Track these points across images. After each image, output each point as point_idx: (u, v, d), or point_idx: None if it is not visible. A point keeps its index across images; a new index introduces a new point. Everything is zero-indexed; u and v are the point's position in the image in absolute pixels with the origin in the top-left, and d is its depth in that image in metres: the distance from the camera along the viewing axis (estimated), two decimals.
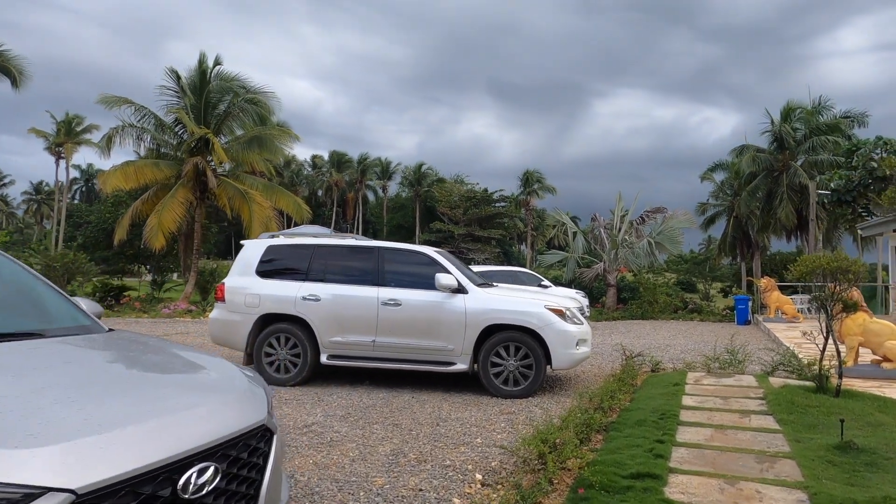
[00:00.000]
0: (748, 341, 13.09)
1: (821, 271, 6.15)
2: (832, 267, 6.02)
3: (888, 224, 16.63)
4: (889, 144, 23.88)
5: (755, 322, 18.18)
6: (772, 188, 31.09)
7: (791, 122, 31.27)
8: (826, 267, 6.05)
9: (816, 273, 6.23)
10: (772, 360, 8.55)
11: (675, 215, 20.64)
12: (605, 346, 12.24)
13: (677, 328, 16.89)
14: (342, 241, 7.67)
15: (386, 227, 77.82)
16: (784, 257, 46.19)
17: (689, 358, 10.36)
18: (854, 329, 8.09)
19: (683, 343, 12.97)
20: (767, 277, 17.40)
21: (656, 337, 14.32)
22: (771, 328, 14.93)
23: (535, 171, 62.32)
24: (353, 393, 6.98)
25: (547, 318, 6.80)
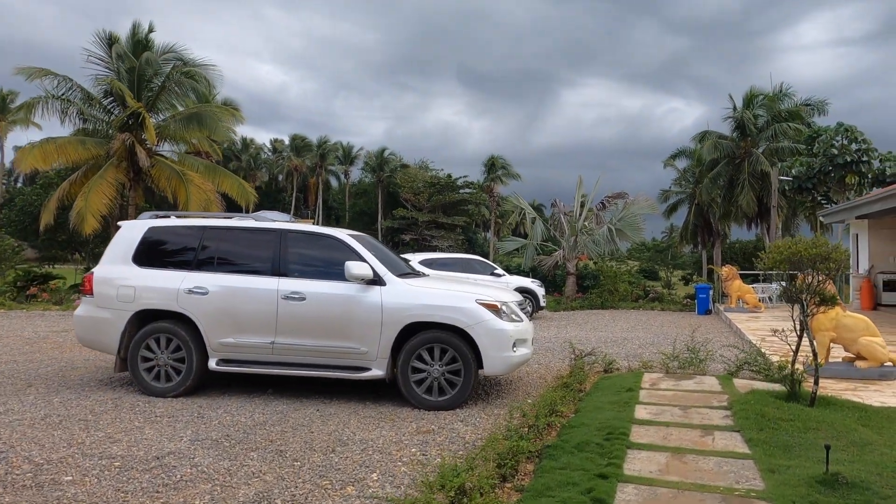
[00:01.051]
0: (709, 334, 12.33)
1: (798, 259, 5.19)
2: (811, 254, 5.08)
3: (850, 211, 16.12)
4: (850, 131, 23.61)
5: (716, 311, 17.58)
6: (733, 175, 30.79)
7: (753, 109, 30.96)
8: (804, 254, 5.10)
9: (793, 261, 5.29)
10: (736, 358, 7.67)
11: (637, 201, 19.88)
12: (559, 340, 11.28)
13: (637, 318, 16.13)
14: (239, 222, 6.40)
15: (348, 213, 76.05)
16: (744, 245, 46.48)
17: (647, 354, 9.46)
18: (826, 324, 7.25)
19: (642, 336, 12.12)
20: (729, 266, 16.77)
21: (614, 329, 13.46)
22: (732, 319, 14.25)
23: (500, 157, 61.37)
24: (245, 406, 5.77)
25: (478, 314, 5.71)
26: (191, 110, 21.80)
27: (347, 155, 73.82)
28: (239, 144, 70.20)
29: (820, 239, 5.29)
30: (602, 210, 20.34)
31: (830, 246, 5.19)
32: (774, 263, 5.49)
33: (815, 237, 5.25)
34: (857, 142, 23.34)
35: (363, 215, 73.61)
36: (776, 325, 13.23)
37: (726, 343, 10.85)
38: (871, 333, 7.18)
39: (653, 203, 19.89)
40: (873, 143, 23.40)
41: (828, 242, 5.26)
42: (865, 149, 23.21)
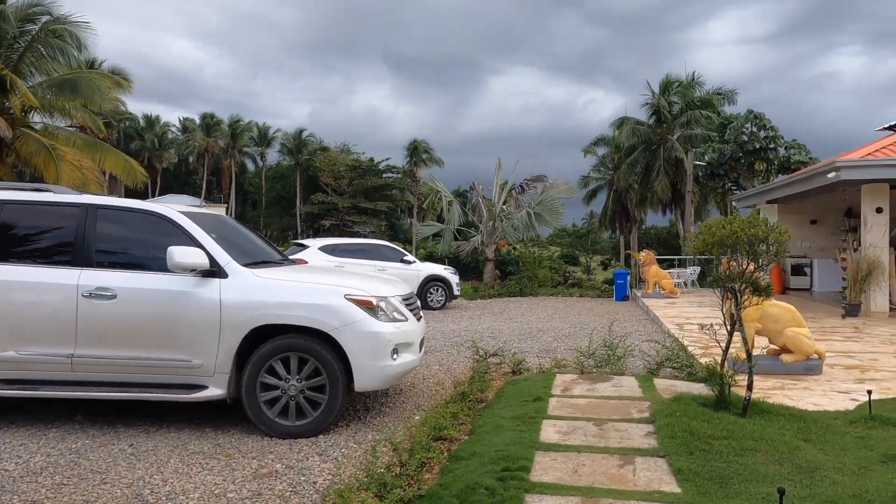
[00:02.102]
0: (627, 322, 11.72)
1: (734, 241, 4.29)
2: (749, 235, 4.19)
3: (761, 195, 16.14)
4: (758, 119, 24.14)
5: (633, 297, 17.26)
6: (650, 161, 31.12)
7: (669, 96, 31.35)
8: (741, 234, 4.20)
9: (728, 244, 4.39)
10: (656, 354, 6.88)
11: (556, 185, 19.25)
12: (469, 333, 10.24)
13: (555, 306, 15.45)
14: (25, 194, 4.78)
15: (265, 197, 72.47)
16: (659, 231, 47.88)
17: (562, 349, 8.58)
18: (752, 314, 6.55)
19: (559, 326, 11.32)
20: (647, 251, 16.44)
21: (530, 318, 12.63)
22: (650, 305, 13.81)
23: (423, 140, 60.10)
24: (29, 443, 4.27)
25: (346, 313, 4.46)
26: (64, 76, 19.02)
27: (263, 136, 70.04)
28: (141, 122, 64.98)
29: (757, 217, 4.43)
30: (521, 194, 19.59)
31: (770, 225, 4.33)
32: (705, 247, 4.58)
33: (749, 215, 4.36)
34: (766, 129, 23.90)
35: (281, 200, 70.26)
36: (692, 312, 12.88)
37: (644, 333, 10.21)
38: (797, 324, 6.55)
39: (571, 187, 19.34)
40: (780, 131, 24.06)
41: (766, 220, 4.40)
42: (773, 136, 23.80)
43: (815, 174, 11.39)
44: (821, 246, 16.43)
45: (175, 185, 76.38)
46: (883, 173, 10.40)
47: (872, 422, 4.54)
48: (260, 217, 72.19)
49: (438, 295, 13.86)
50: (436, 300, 13.83)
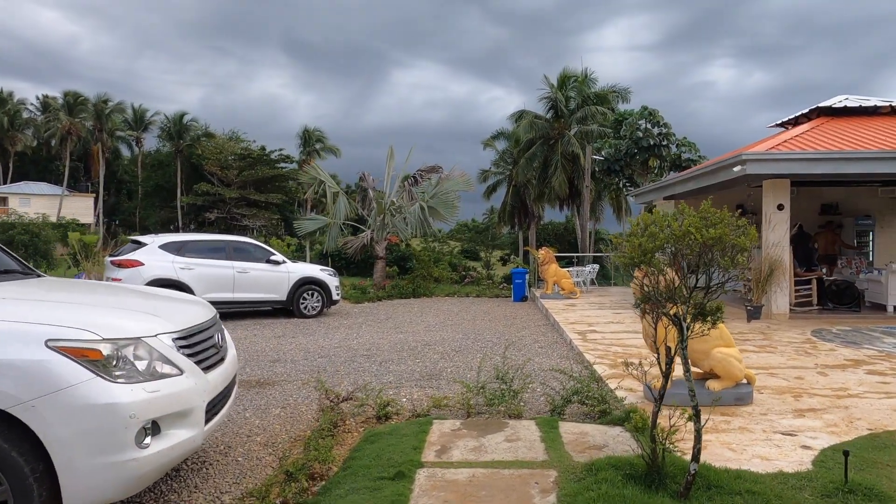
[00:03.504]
0: (526, 330, 10.42)
1: (688, 246, 2.85)
2: (710, 237, 2.75)
3: (659, 191, 15.62)
4: (653, 115, 24.20)
5: (532, 298, 16.21)
6: (547, 156, 30.71)
7: (566, 91, 31.08)
8: (697, 237, 2.75)
9: (682, 250, 2.95)
10: (561, 385, 5.48)
11: (451, 176, 17.83)
12: (340, 352, 8.43)
13: (449, 309, 13.99)
14: None
15: (141, 187, 65.89)
16: (556, 227, 48.36)
17: (451, 370, 7.01)
18: (674, 334, 5.30)
19: (450, 337, 9.79)
20: (546, 248, 15.42)
21: (419, 326, 11.02)
22: (549, 308, 12.69)
23: (316, 129, 57.02)
24: None
25: (44, 375, 2.54)
26: None
27: (139, 119, 63.40)
28: None
29: (713, 212, 3.02)
30: (414, 185, 17.96)
31: (735, 222, 2.92)
32: (642, 256, 3.11)
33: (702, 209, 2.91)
34: (660, 126, 24.00)
35: (160, 190, 64.03)
36: (594, 317, 11.85)
37: (544, 343, 8.90)
38: (725, 343, 5.38)
39: (468, 179, 18.01)
40: (672, 128, 24.27)
41: (728, 215, 3.00)
42: (666, 133, 23.95)
43: (720, 168, 10.68)
44: None
45: (33, 171, 67.57)
46: (788, 168, 9.80)
47: (852, 495, 3.30)
48: (136, 209, 65.59)
49: (314, 301, 11.89)
50: (310, 307, 11.86)
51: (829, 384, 5.97)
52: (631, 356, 7.52)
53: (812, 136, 11.30)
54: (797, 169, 9.79)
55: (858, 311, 11.03)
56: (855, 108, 12.55)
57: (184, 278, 10.38)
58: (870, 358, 7.26)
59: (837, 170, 9.74)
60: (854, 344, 8.38)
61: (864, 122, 12.07)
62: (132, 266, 10.07)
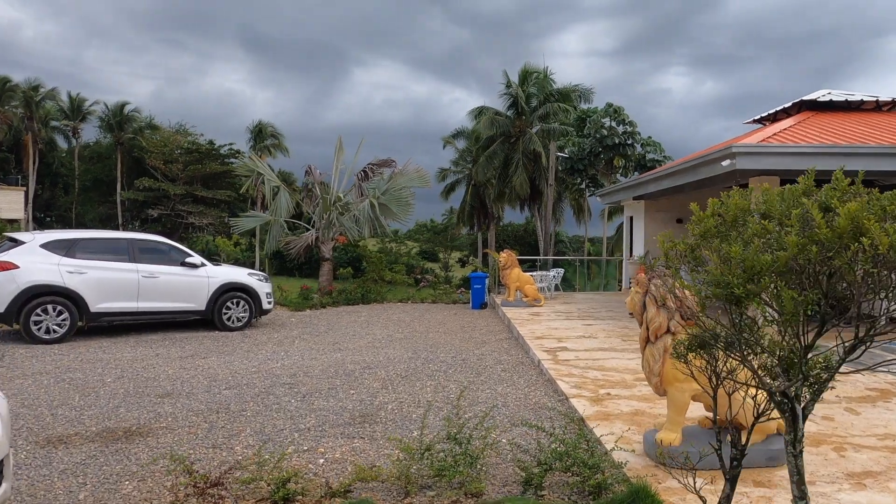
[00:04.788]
0: (485, 347, 8.98)
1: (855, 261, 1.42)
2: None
3: (628, 190, 14.51)
4: (618, 112, 23.27)
5: (492, 304, 14.84)
6: (508, 154, 29.52)
7: (528, 87, 29.96)
8: (879, 241, 1.33)
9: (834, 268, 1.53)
10: (535, 439, 4.04)
11: (406, 171, 16.31)
12: (258, 379, 6.80)
13: (401, 318, 12.45)
14: None
15: (79, 180, 61.75)
16: (516, 228, 47.34)
17: (392, 408, 5.49)
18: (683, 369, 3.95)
19: (397, 356, 8.26)
20: (507, 251, 14.07)
21: (363, 341, 9.45)
22: (512, 318, 11.32)
23: (270, 124, 54.37)
24: None
25: None
26: None
27: (76, 108, 59.32)
28: None
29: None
30: (365, 180, 16.34)
31: None
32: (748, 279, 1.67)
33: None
34: (625, 124, 23.10)
35: (99, 184, 60.00)
36: (562, 329, 10.48)
37: (507, 367, 7.47)
38: None
39: (424, 174, 16.50)
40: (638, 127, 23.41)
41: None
42: (631, 132, 23.07)
43: (705, 163, 9.51)
44: None
45: None
46: (781, 163, 8.69)
47: None
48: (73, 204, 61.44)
49: (239, 310, 10.16)
50: (235, 318, 10.13)
51: (869, 428, 4.73)
52: (613, 384, 6.18)
53: (799, 131, 10.28)
54: (791, 164, 8.68)
55: None
56: (840, 103, 11.66)
57: (72, 284, 8.51)
58: (893, 385, 6.12)
59: (836, 166, 8.66)
60: (860, 364, 7.26)
61: (849, 118, 11.17)
62: (3, 269, 8.14)
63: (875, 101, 11.63)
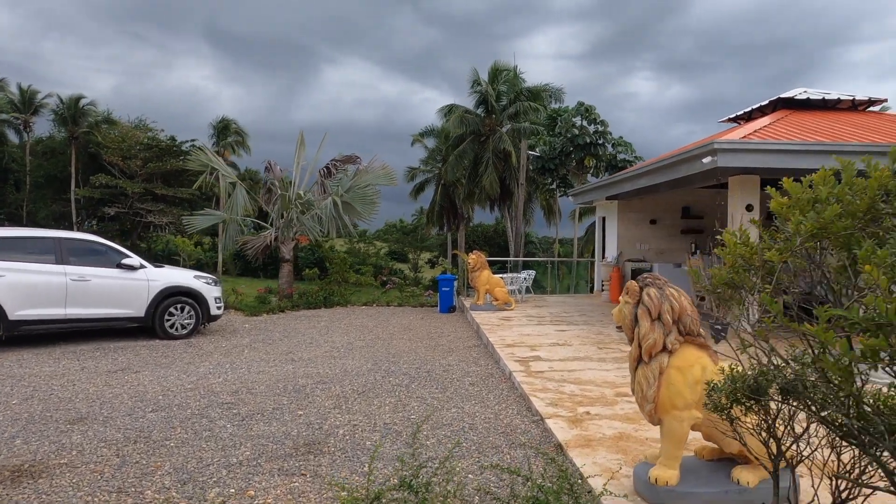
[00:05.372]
0: (453, 355, 8.31)
1: None
2: None
3: (601, 190, 14.05)
4: (589, 111, 22.91)
5: (461, 308, 14.21)
6: (478, 153, 28.97)
7: (498, 85, 29.46)
8: None
9: None
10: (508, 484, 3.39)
11: (371, 168, 15.55)
12: (193, 400, 6.01)
13: (363, 324, 11.71)
14: None
15: (30, 176, 58.96)
16: (486, 229, 46.85)
17: (345, 432, 4.78)
18: (686, 394, 3.36)
19: (356, 367, 7.54)
20: (477, 252, 13.44)
21: (319, 350, 8.69)
22: (481, 323, 10.70)
23: (234, 120, 52.71)
24: None
25: None
26: None
27: (28, 101, 56.59)
28: None
29: None
30: (328, 177, 15.52)
31: None
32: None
33: None
34: (596, 123, 22.74)
35: (53, 181, 57.31)
36: (534, 336, 9.87)
37: (476, 380, 6.82)
38: None
39: (390, 172, 15.75)
40: (609, 126, 23.06)
41: None
42: (603, 131, 22.72)
43: (684, 160, 9.03)
44: (660, 248, 14.83)
45: None
46: (764, 161, 8.25)
47: None
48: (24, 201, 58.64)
49: (184, 317, 9.28)
50: (179, 325, 9.25)
51: None
52: (592, 400, 5.58)
53: (778, 129, 9.91)
54: (773, 162, 8.26)
55: None
56: (817, 102, 11.37)
57: None
58: None
59: (818, 164, 8.28)
60: None
61: (825, 116, 10.88)
62: None
63: (851, 101, 11.39)
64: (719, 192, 9.73)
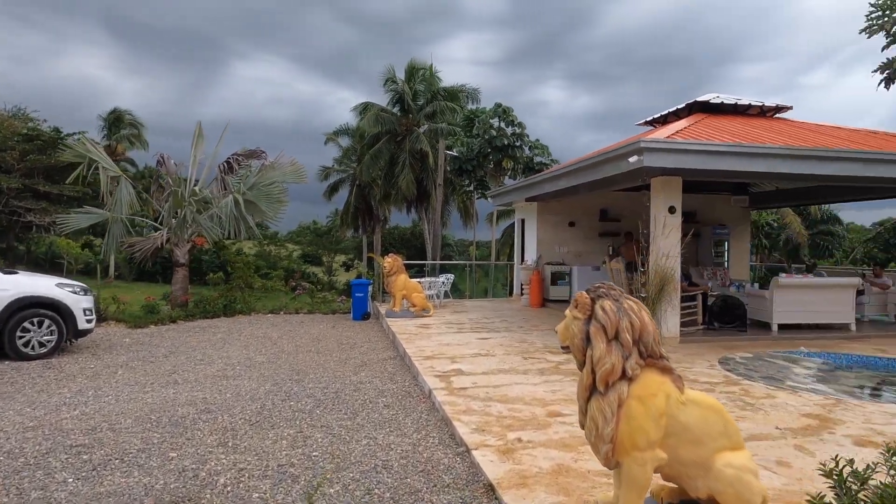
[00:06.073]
0: (365, 370, 7.45)
1: None
2: None
3: (521, 190, 13.68)
4: (507, 113, 22.72)
5: (376, 314, 13.34)
6: (395, 153, 28.14)
7: (414, 84, 28.79)
8: None
9: None
10: None
11: (278, 164, 14.32)
12: (33, 441, 4.78)
13: (268, 335, 10.57)
14: None
15: None
16: (403, 231, 46.01)
17: (228, 480, 3.81)
18: (647, 423, 2.73)
19: (251, 389, 6.51)
20: (393, 255, 12.61)
21: (210, 370, 7.55)
22: (397, 332, 9.90)
23: (128, 111, 48.60)
24: None
25: None
26: None
27: None
28: None
29: None
30: (229, 173, 14.13)
31: None
32: None
33: None
34: (514, 125, 22.59)
35: None
36: (454, 345, 9.08)
37: (392, 400, 6.02)
38: (731, 443, 2.90)
39: (299, 169, 14.58)
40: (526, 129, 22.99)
41: None
42: (520, 133, 22.60)
43: (608, 160, 8.69)
44: (578, 251, 14.67)
45: None
46: (688, 161, 8.04)
47: None
48: None
49: (43, 333, 7.80)
50: (37, 343, 7.75)
51: None
52: (522, 423, 4.94)
53: (697, 131, 9.84)
54: (697, 163, 8.08)
55: (745, 330, 9.74)
56: (729, 106, 11.54)
57: None
58: (824, 408, 5.44)
59: (742, 167, 8.20)
60: (776, 381, 6.70)
61: (738, 121, 11.02)
62: None
63: (760, 107, 11.66)
64: (642, 194, 9.50)
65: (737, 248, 15.42)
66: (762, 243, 25.12)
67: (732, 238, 15.22)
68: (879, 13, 12.00)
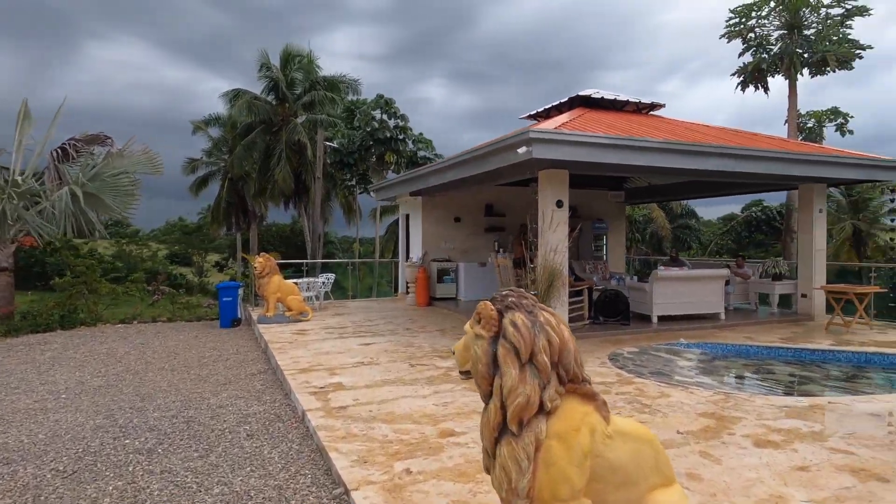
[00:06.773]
0: (231, 387, 6.38)
1: None
2: None
3: (405, 184, 13.03)
4: (389, 105, 21.96)
5: (248, 320, 12.05)
6: (270, 145, 26.32)
7: (291, 71, 27.12)
8: None
9: None
10: None
11: (127, 152, 12.47)
12: None
13: (112, 350, 9.01)
14: None
15: None
16: (281, 228, 43.61)
17: None
18: (561, 487, 2.14)
19: (75, 425, 5.24)
20: (265, 255, 11.40)
21: (17, 404, 6.09)
22: (270, 341, 8.84)
23: None
24: None
25: None
26: None
27: None
28: None
29: None
30: (64, 161, 12.05)
31: None
32: None
33: None
34: (396, 117, 21.90)
35: None
36: (334, 354, 7.89)
37: (257, 426, 5.08)
38: (663, 479, 2.41)
39: (154, 158, 12.79)
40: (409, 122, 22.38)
41: None
42: (403, 126, 21.96)
43: (496, 150, 8.26)
44: (465, 247, 14.31)
45: None
46: (577, 153, 7.80)
47: None
48: None
49: None
50: None
51: (746, 486, 3.55)
52: (411, 447, 4.27)
53: (580, 124, 9.73)
54: (584, 156, 7.87)
55: (628, 324, 9.82)
56: (609, 101, 11.68)
57: None
58: (717, 405, 5.32)
59: (629, 160, 8.13)
60: (665, 376, 6.62)
61: (618, 116, 11.16)
62: None
63: (636, 104, 11.93)
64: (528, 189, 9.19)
65: (614, 241, 15.90)
66: (634, 237, 26.59)
67: (610, 232, 15.67)
68: (737, 20, 12.72)
